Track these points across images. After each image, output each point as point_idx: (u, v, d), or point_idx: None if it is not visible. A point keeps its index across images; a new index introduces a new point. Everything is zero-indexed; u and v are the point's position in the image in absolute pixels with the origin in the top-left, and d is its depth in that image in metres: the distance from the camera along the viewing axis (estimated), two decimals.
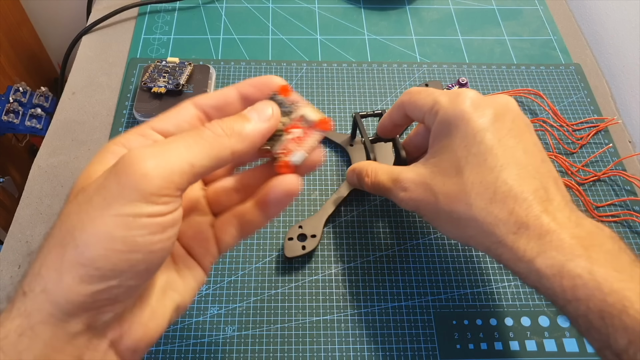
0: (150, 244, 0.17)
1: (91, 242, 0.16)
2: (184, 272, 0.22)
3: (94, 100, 0.45)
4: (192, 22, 0.51)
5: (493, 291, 0.35)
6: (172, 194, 0.17)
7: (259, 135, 0.20)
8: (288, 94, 0.22)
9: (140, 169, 0.17)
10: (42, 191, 0.39)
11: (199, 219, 0.23)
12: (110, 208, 0.17)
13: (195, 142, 0.18)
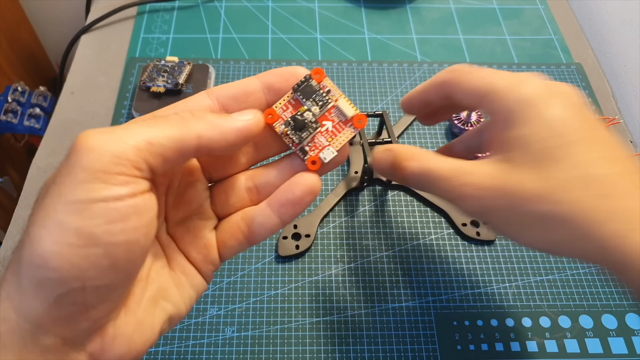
0: (110, 236, 0.15)
1: (43, 237, 0.14)
2: (181, 280, 0.20)
3: (93, 100, 0.45)
4: (192, 22, 0.51)
5: (494, 292, 0.35)
6: (128, 172, 0.15)
7: (234, 129, 0.18)
8: (322, 79, 0.20)
9: (86, 144, 0.15)
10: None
11: (199, 222, 0.21)
12: (61, 194, 0.15)
13: (157, 122, 0.17)
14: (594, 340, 0.33)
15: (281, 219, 0.20)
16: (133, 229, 0.15)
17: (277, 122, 0.20)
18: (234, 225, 0.21)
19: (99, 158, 0.15)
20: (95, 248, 0.15)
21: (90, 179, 0.15)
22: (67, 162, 0.15)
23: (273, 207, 0.20)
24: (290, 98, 0.20)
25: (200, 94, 0.20)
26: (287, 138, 0.20)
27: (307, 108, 0.20)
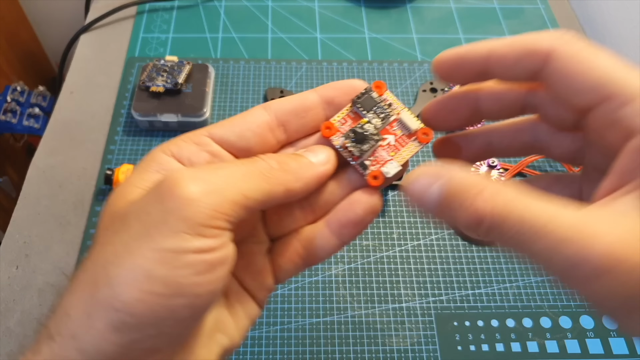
0: (196, 286, 0.14)
1: (126, 281, 0.14)
2: (236, 309, 0.19)
3: (92, 99, 0.44)
4: (191, 21, 0.51)
5: (494, 292, 0.35)
6: (222, 226, 0.15)
7: (315, 178, 0.18)
8: (383, 91, 0.19)
9: (187, 193, 0.14)
10: (40, 191, 0.39)
11: (254, 247, 0.20)
12: (151, 239, 0.14)
13: (249, 171, 0.16)
14: (595, 341, 0.33)
15: (341, 240, 0.19)
16: (218, 279, 0.15)
17: (335, 135, 0.19)
18: (290, 247, 0.19)
19: (200, 211, 0.14)
20: (179, 298, 0.14)
21: (186, 230, 0.14)
22: (161, 205, 0.15)
23: (332, 227, 0.19)
24: (349, 111, 0.19)
25: (258, 108, 0.19)
26: (346, 151, 0.18)
27: (368, 120, 0.19)
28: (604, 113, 0.14)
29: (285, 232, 0.20)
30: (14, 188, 0.67)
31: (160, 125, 0.42)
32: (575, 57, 0.15)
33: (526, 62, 0.16)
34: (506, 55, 0.16)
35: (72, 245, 0.36)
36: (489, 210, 0.14)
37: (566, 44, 0.15)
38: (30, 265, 0.35)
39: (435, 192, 0.15)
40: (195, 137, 0.18)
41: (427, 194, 0.16)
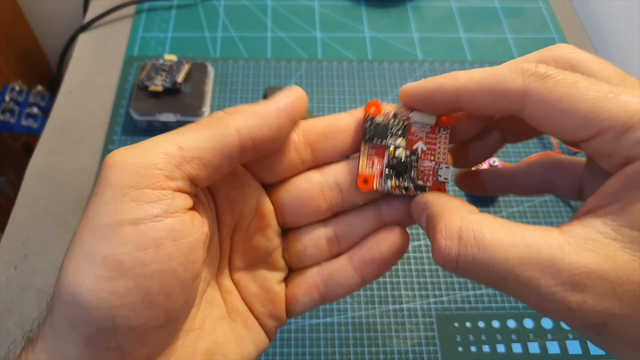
0: (141, 265, 0.13)
1: (71, 269, 0.13)
2: (242, 334, 0.17)
3: (91, 99, 0.44)
4: (190, 20, 0.51)
5: (495, 293, 0.35)
6: (159, 183, 0.13)
7: (275, 109, 0.15)
8: (380, 107, 0.17)
9: (111, 161, 0.13)
10: (38, 192, 0.39)
11: (267, 273, 0.18)
12: (87, 219, 0.13)
13: (189, 127, 0.15)
14: None
15: (363, 279, 0.18)
16: (167, 257, 0.13)
17: (375, 182, 0.17)
18: (310, 280, 0.18)
19: (123, 171, 0.13)
20: (124, 280, 0.13)
21: (117, 197, 0.13)
22: (95, 185, 0.14)
23: (355, 264, 0.18)
24: (367, 151, 0.17)
25: None
26: (398, 189, 0.17)
27: (393, 147, 0.17)
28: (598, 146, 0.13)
29: (307, 264, 0.19)
30: (12, 188, 0.67)
31: (159, 125, 0.41)
32: (553, 97, 0.13)
33: (499, 104, 0.15)
34: (477, 97, 0.15)
35: None
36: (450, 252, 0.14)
37: (539, 84, 0.14)
38: (28, 266, 0.35)
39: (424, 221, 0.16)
40: None
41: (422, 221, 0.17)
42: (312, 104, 0.45)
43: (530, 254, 0.13)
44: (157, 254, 0.13)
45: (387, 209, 0.18)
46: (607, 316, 0.12)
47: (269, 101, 0.16)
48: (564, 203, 0.39)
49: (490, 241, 0.13)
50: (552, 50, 0.16)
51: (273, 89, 0.45)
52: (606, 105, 0.13)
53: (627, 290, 0.12)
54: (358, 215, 0.18)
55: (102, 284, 0.12)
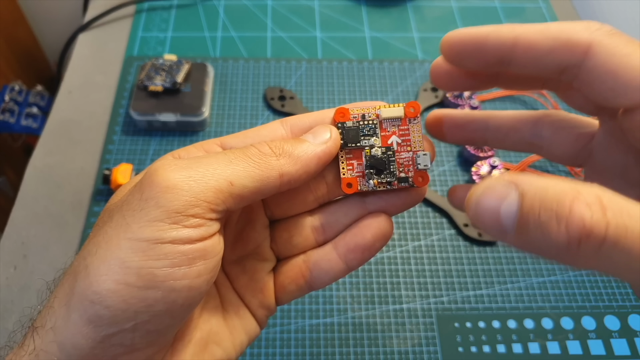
0: (172, 280, 0.14)
1: (101, 272, 0.13)
2: (234, 323, 0.18)
3: (91, 99, 0.44)
4: (190, 20, 0.51)
5: (495, 293, 0.35)
6: (203, 214, 0.14)
7: (314, 157, 0.16)
8: (348, 113, 0.18)
9: (165, 180, 0.14)
10: (38, 192, 0.39)
11: (257, 264, 0.19)
12: (127, 228, 0.14)
13: (237, 157, 0.15)
14: (597, 342, 0.33)
15: (347, 265, 0.18)
16: (197, 274, 0.14)
17: (359, 184, 0.18)
18: (295, 268, 0.19)
19: (177, 198, 0.14)
20: (154, 291, 0.14)
21: (163, 217, 0.14)
22: (140, 194, 0.14)
23: (340, 251, 0.18)
24: (345, 157, 0.18)
25: (274, 123, 0.18)
26: (382, 185, 0.18)
27: (368, 146, 0.18)
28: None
29: (294, 253, 0.19)
30: (11, 188, 0.66)
31: (158, 125, 0.41)
32: (618, 53, 0.13)
33: (560, 54, 0.14)
34: (537, 44, 0.14)
35: (70, 245, 0.36)
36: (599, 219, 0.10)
37: (607, 37, 0.13)
38: (28, 266, 0.35)
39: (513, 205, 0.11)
40: (207, 145, 0.17)
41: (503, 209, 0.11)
42: (312, 104, 0.44)
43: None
44: (189, 271, 0.14)
45: (370, 198, 0.18)
46: None
47: (310, 145, 0.17)
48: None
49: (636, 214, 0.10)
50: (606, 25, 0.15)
51: (273, 89, 0.45)
52: None
53: None
54: (343, 205, 0.19)
55: (133, 292, 0.13)
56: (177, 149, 0.17)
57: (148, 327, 0.14)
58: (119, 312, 0.13)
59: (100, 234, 0.14)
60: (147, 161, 0.40)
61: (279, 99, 0.44)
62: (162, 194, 0.14)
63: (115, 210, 0.15)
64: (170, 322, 0.15)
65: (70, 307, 0.14)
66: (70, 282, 0.14)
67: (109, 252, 0.14)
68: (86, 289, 0.13)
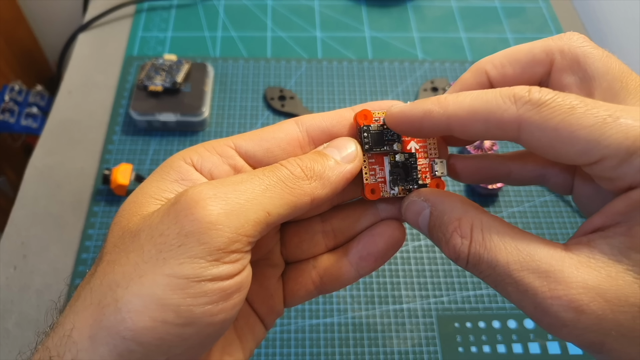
0: (210, 316, 0.13)
1: (136, 308, 0.13)
2: (244, 332, 0.18)
3: (90, 99, 0.44)
4: (190, 20, 0.51)
5: (495, 293, 0.35)
6: (242, 249, 0.14)
7: (343, 179, 0.16)
8: (371, 116, 0.18)
9: (207, 216, 0.13)
10: (38, 192, 0.39)
11: (267, 270, 0.19)
12: (164, 264, 0.13)
13: (272, 185, 0.15)
14: None
15: (358, 273, 0.18)
16: (232, 307, 0.14)
17: (382, 190, 0.18)
18: (305, 274, 0.19)
19: (220, 235, 0.13)
20: (192, 327, 0.13)
21: (204, 255, 0.13)
22: (178, 228, 0.13)
23: (351, 259, 0.18)
24: (368, 162, 0.18)
25: (289, 123, 0.17)
26: (404, 192, 0.18)
27: (392, 152, 0.18)
28: (600, 171, 0.13)
29: (303, 257, 0.19)
30: (11, 188, 0.66)
31: (158, 125, 0.41)
32: (549, 126, 0.13)
33: (494, 133, 0.14)
34: (469, 125, 0.15)
35: (69, 245, 0.36)
36: (464, 250, 0.14)
37: (534, 112, 0.13)
38: (28, 266, 0.35)
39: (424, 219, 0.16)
40: (220, 147, 0.17)
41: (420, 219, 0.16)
42: (312, 104, 0.44)
43: (530, 262, 0.13)
44: (225, 305, 0.14)
45: (384, 204, 0.18)
46: (604, 336, 0.12)
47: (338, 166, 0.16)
48: (565, 203, 0.39)
49: (496, 243, 0.14)
50: (560, 41, 0.15)
51: (273, 89, 0.45)
52: (606, 131, 0.12)
53: (625, 312, 0.12)
54: (355, 210, 0.18)
55: (169, 329, 0.13)
56: (177, 149, 0.17)
57: (179, 359, 0.14)
58: (153, 348, 0.13)
59: (129, 265, 0.13)
60: (147, 161, 0.40)
61: (279, 98, 0.44)
62: (205, 230, 0.13)
63: (145, 239, 0.14)
64: (201, 352, 0.15)
65: (96, 340, 0.13)
66: (94, 314, 0.13)
67: (144, 287, 0.13)
68: (117, 325, 0.13)
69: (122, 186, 0.37)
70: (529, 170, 0.18)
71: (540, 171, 0.18)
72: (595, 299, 0.12)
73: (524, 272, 0.13)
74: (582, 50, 0.15)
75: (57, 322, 0.14)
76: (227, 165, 0.16)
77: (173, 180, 0.16)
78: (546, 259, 0.13)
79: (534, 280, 0.13)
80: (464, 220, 0.15)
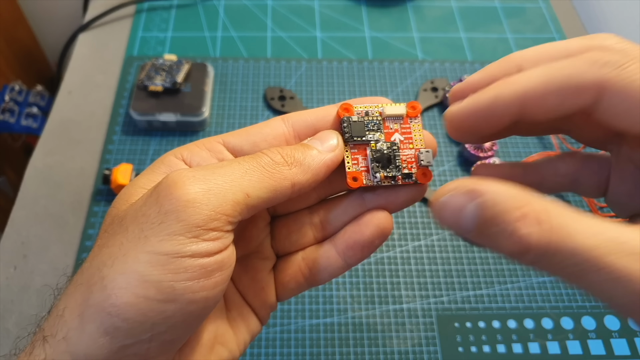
0: (191, 293, 0.14)
1: (120, 284, 0.13)
2: (238, 323, 0.19)
3: (90, 99, 0.44)
4: (190, 20, 0.51)
5: (495, 293, 0.35)
6: (221, 227, 0.14)
7: (323, 166, 0.17)
8: (352, 108, 0.18)
9: (185, 194, 0.14)
10: (38, 192, 0.39)
11: (258, 263, 0.19)
12: (146, 241, 0.14)
13: (252, 167, 0.15)
14: (597, 342, 0.33)
15: (346, 262, 0.18)
16: (214, 285, 0.14)
17: (364, 178, 0.18)
18: (294, 266, 0.19)
19: (198, 212, 0.14)
20: (172, 303, 0.14)
21: (183, 232, 0.14)
22: (158, 207, 0.14)
23: (339, 248, 0.18)
24: (350, 152, 0.18)
25: (276, 120, 0.18)
26: (387, 180, 0.18)
27: (374, 141, 0.18)
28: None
29: (292, 250, 0.19)
30: (12, 188, 0.66)
31: (158, 125, 0.41)
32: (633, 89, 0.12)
33: (572, 102, 0.13)
34: (546, 97, 0.13)
35: (70, 245, 0.36)
36: (535, 240, 0.12)
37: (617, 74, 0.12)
38: (28, 266, 0.35)
39: (471, 214, 0.13)
40: (209, 143, 0.17)
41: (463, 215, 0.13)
42: (312, 104, 0.44)
43: (620, 244, 0.11)
44: (207, 282, 0.14)
45: (370, 195, 0.18)
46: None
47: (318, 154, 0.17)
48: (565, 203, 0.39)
49: (572, 227, 0.12)
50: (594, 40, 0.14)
51: (273, 89, 0.45)
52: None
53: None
54: (342, 202, 0.19)
55: (152, 305, 0.13)
56: None
57: (164, 338, 0.14)
58: (137, 325, 0.13)
59: (115, 245, 0.14)
60: (147, 161, 0.40)
61: (279, 99, 0.44)
62: (182, 207, 0.14)
63: (130, 221, 0.14)
64: (185, 332, 0.15)
65: (84, 318, 0.14)
66: (83, 293, 0.14)
67: (127, 264, 0.14)
68: (103, 301, 0.13)
69: (122, 186, 0.37)
70: (562, 175, 0.17)
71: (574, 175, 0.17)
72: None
73: (614, 256, 0.11)
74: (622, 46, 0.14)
75: (53, 305, 0.15)
76: (215, 159, 0.17)
77: (162, 173, 0.16)
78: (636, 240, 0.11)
79: (629, 264, 0.11)
80: (527, 207, 0.12)
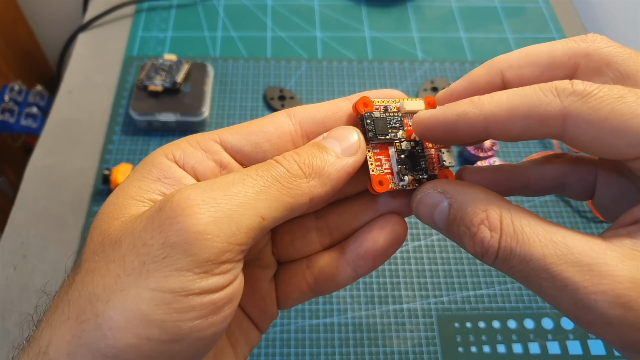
0: (199, 331, 0.12)
1: (118, 325, 0.12)
2: (237, 338, 0.17)
3: (90, 99, 0.44)
4: (190, 20, 0.51)
5: (495, 293, 0.35)
6: (234, 259, 0.13)
7: (344, 174, 0.15)
8: (371, 103, 0.16)
9: (195, 224, 0.12)
10: (38, 192, 0.39)
11: (257, 271, 0.17)
12: (148, 276, 0.12)
13: (267, 184, 0.13)
14: (597, 342, 0.33)
15: (356, 272, 0.16)
16: (223, 320, 0.13)
17: (390, 183, 0.16)
18: (298, 274, 0.17)
19: (209, 245, 0.12)
20: (178, 344, 0.12)
21: (191, 267, 0.12)
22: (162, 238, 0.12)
23: (348, 257, 0.16)
24: (372, 152, 0.16)
25: (280, 115, 0.16)
26: (413, 184, 0.16)
27: (398, 139, 0.16)
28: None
29: (296, 257, 0.17)
30: (11, 188, 0.66)
31: (158, 125, 0.41)
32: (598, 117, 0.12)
33: (537, 130, 0.13)
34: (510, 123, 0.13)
35: (69, 245, 0.36)
36: (493, 244, 0.13)
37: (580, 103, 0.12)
38: (28, 266, 0.35)
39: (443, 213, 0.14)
40: (204, 141, 0.15)
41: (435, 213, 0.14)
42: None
43: (569, 255, 0.12)
44: (215, 318, 0.13)
45: (383, 198, 0.17)
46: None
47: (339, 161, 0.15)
48: (565, 203, 0.39)
49: (529, 235, 0.13)
50: (584, 43, 0.14)
51: (273, 89, 0.45)
52: None
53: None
54: (353, 205, 0.17)
55: (155, 346, 0.12)
56: None
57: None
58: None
59: (109, 276, 0.12)
60: None
61: (279, 98, 0.44)
62: (192, 240, 0.12)
63: (127, 249, 0.12)
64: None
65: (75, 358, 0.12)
66: (72, 329, 0.12)
67: (126, 302, 0.12)
68: (98, 342, 0.12)
69: None
70: (549, 180, 0.17)
71: (561, 179, 0.17)
72: None
73: (563, 266, 0.12)
74: (609, 50, 0.14)
75: (33, 336, 0.13)
76: (212, 161, 0.15)
77: (155, 179, 0.15)
78: (586, 252, 0.12)
79: (575, 274, 0.12)
80: (491, 211, 0.13)
